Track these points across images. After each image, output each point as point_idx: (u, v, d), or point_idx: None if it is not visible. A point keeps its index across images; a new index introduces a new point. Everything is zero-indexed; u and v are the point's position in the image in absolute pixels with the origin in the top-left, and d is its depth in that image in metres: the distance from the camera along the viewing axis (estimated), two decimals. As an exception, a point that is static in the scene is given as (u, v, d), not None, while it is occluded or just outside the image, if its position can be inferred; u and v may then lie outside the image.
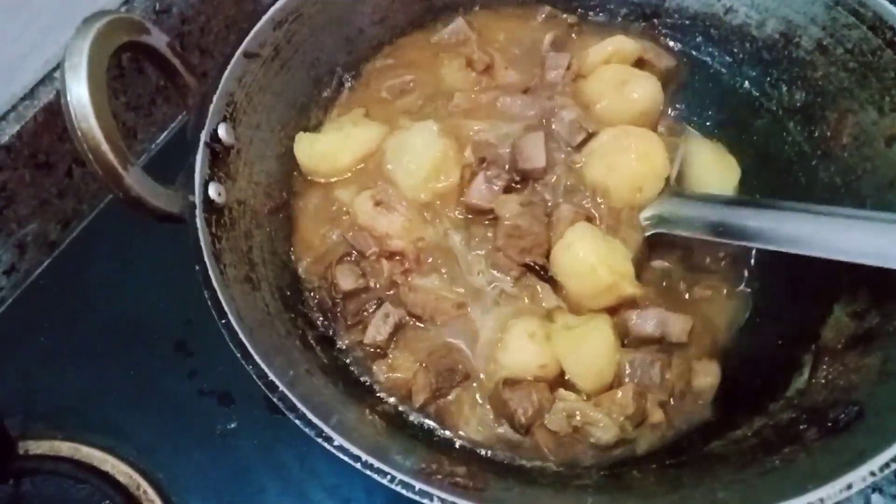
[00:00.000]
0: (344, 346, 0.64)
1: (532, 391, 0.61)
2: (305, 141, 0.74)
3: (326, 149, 0.72)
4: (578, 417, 0.61)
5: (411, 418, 0.61)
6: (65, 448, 0.72)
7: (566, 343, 0.63)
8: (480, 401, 0.62)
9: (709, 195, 0.71)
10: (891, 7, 0.64)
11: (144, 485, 0.70)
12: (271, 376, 0.49)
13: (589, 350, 0.62)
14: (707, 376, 0.64)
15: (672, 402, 0.63)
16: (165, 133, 1.01)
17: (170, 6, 0.94)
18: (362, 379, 0.63)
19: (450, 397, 0.61)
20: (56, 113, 0.83)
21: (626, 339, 0.65)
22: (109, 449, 0.72)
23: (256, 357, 0.49)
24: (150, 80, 0.95)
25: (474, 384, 0.63)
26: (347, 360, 0.64)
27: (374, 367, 0.63)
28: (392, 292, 0.65)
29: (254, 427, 0.73)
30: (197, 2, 0.98)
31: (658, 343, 0.65)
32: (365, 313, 0.64)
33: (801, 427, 0.55)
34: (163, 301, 0.81)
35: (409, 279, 0.65)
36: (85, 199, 0.91)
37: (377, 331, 0.62)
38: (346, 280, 0.63)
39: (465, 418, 0.61)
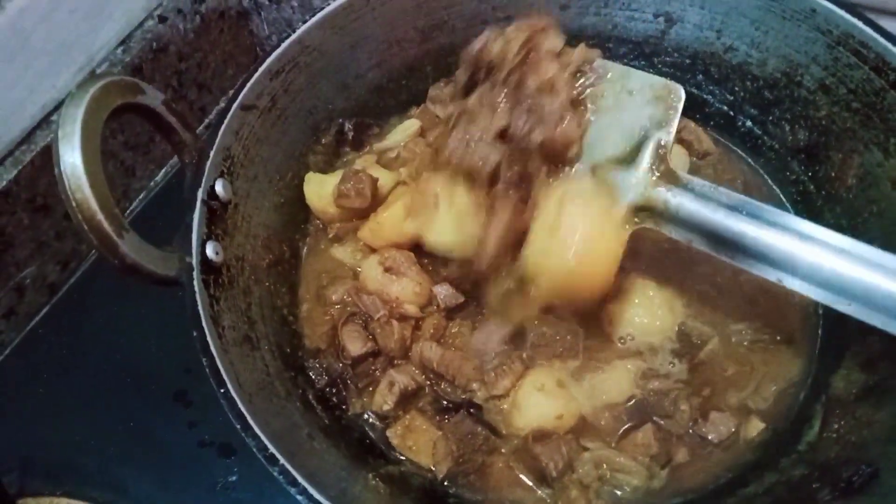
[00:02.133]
0: (354, 413, 0.64)
1: (561, 443, 0.60)
2: (315, 181, 0.74)
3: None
4: (605, 466, 0.60)
5: (418, 482, 0.59)
6: (63, 504, 0.71)
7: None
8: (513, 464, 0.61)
9: (715, 190, 0.58)
10: (893, 48, 0.63)
11: (144, 540, 0.69)
12: (272, 449, 0.48)
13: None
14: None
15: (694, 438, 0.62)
16: (164, 170, 1.01)
17: (167, 45, 0.94)
18: (373, 443, 0.62)
19: (479, 461, 0.60)
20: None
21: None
22: (109, 504, 0.71)
23: (256, 429, 0.49)
24: (147, 119, 0.94)
25: (502, 448, 0.61)
26: (360, 426, 0.63)
27: (389, 433, 0.62)
28: (402, 357, 0.64)
29: (255, 479, 0.72)
30: (193, 39, 0.98)
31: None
32: (376, 373, 0.63)
33: (815, 486, 0.54)
34: (162, 349, 0.80)
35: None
36: (84, 240, 0.90)
37: (383, 399, 0.61)
38: (355, 344, 0.62)
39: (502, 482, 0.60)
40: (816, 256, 0.53)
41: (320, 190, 0.73)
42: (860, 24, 0.64)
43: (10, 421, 0.77)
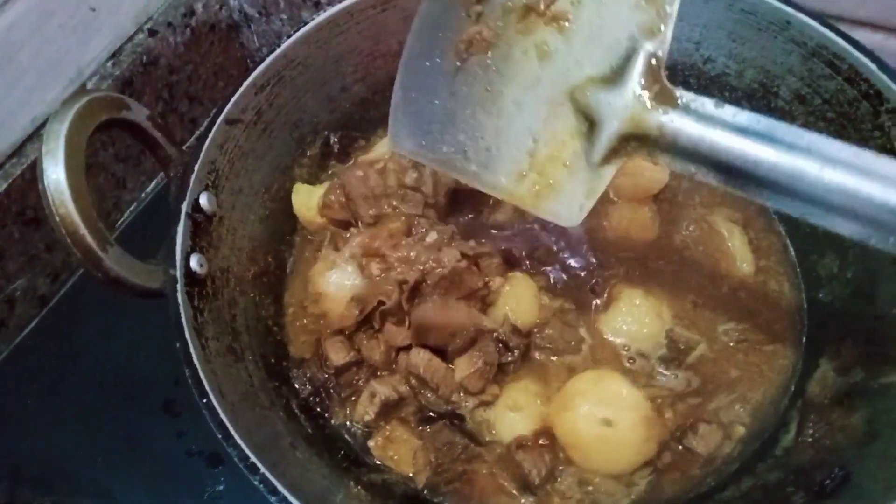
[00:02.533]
0: (337, 423, 0.64)
1: (544, 452, 0.61)
2: (303, 192, 0.75)
3: None
4: (591, 488, 0.61)
5: (401, 490, 0.60)
6: (53, 514, 0.72)
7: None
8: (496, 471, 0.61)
9: (721, 108, 0.48)
10: (865, 60, 0.65)
11: (133, 549, 0.70)
12: (253, 459, 0.49)
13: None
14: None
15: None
16: (154, 182, 1.02)
17: (157, 58, 0.95)
18: (353, 453, 0.63)
19: (459, 470, 0.60)
20: (43, 169, 0.84)
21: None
22: (98, 513, 0.72)
23: (238, 438, 0.49)
24: (137, 132, 0.96)
25: (486, 457, 0.62)
26: (343, 435, 0.64)
27: (370, 444, 0.63)
28: (386, 368, 0.65)
29: (242, 489, 0.72)
30: (184, 51, 0.99)
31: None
32: (359, 383, 0.64)
33: (789, 490, 0.54)
34: (151, 360, 0.81)
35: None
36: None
37: (365, 410, 0.62)
38: (338, 354, 0.63)
39: (487, 490, 0.60)
40: (852, 184, 0.43)
41: (308, 201, 0.74)
42: (833, 35, 0.65)
43: (1, 430, 0.78)
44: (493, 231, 0.72)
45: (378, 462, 0.62)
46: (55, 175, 0.50)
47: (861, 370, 0.59)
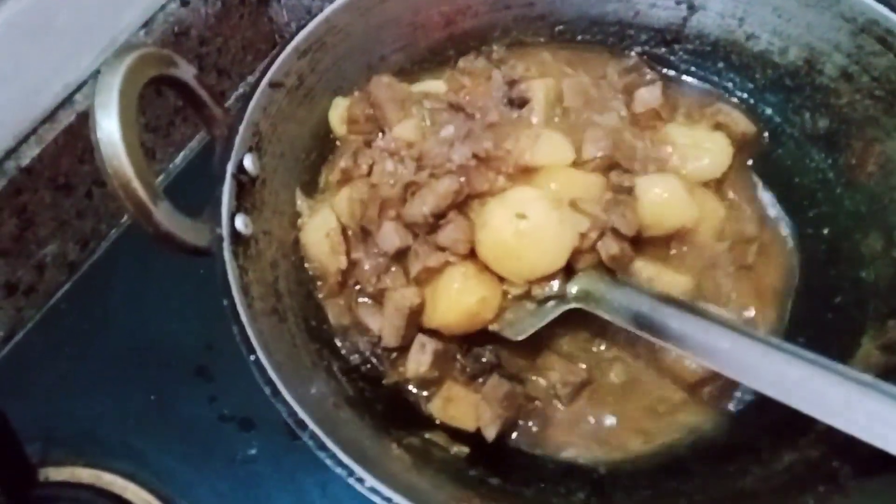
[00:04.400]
0: (391, 384, 0.64)
1: None
2: (341, 106, 0.73)
3: None
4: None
5: (439, 455, 0.60)
6: (85, 475, 0.72)
7: None
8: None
9: (640, 287, 0.65)
10: (918, 35, 0.64)
11: (165, 512, 0.70)
12: (301, 414, 0.49)
13: None
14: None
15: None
16: (184, 153, 1.02)
17: (188, 29, 0.95)
18: (396, 414, 0.63)
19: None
20: (76, 135, 0.83)
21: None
22: (130, 475, 0.72)
23: (286, 395, 0.49)
24: (168, 101, 0.95)
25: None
26: (387, 397, 0.64)
27: (430, 407, 0.63)
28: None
29: (274, 453, 0.73)
30: (214, 24, 0.99)
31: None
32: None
33: (834, 465, 0.54)
34: (183, 324, 0.81)
35: None
36: (104, 219, 0.92)
37: (417, 364, 0.61)
38: (373, 320, 0.63)
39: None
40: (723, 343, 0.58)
41: (345, 114, 0.73)
42: (886, 11, 0.65)
43: (33, 393, 0.78)
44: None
45: (439, 421, 0.62)
46: (109, 127, 0.50)
47: (906, 347, 0.59)
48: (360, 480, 0.46)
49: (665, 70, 0.81)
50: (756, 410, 0.64)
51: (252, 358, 0.51)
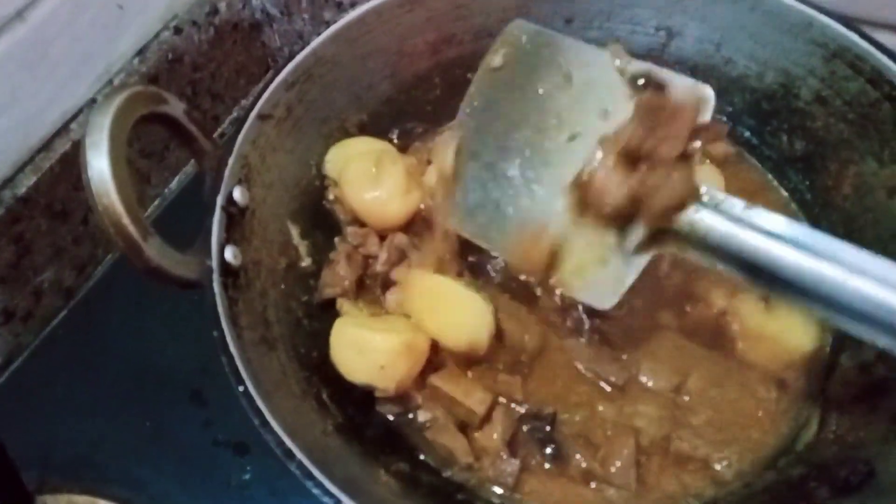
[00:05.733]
0: (384, 411, 0.65)
1: None
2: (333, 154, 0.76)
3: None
4: None
5: (427, 480, 0.61)
6: (82, 501, 0.73)
7: None
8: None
9: (750, 211, 0.51)
10: (888, 61, 0.65)
11: (160, 536, 0.71)
12: (289, 444, 0.50)
13: None
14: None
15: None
16: (178, 177, 1.03)
17: (182, 55, 0.97)
18: (384, 440, 0.64)
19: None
20: (72, 163, 0.85)
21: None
22: (126, 501, 0.73)
23: (275, 425, 0.51)
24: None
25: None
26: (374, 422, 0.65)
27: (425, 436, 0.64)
28: None
29: (268, 478, 0.74)
30: (207, 50, 1.01)
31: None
32: None
33: (812, 485, 0.55)
34: (178, 348, 0.82)
35: None
36: (100, 245, 0.93)
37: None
38: None
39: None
40: (880, 295, 0.45)
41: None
42: (856, 37, 0.67)
43: (29, 419, 0.79)
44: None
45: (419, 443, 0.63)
46: (99, 166, 0.51)
47: (883, 367, 0.60)
48: (347, 509, 0.47)
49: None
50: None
51: (241, 389, 0.52)
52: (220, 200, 0.60)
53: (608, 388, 0.64)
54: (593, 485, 0.60)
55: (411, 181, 0.73)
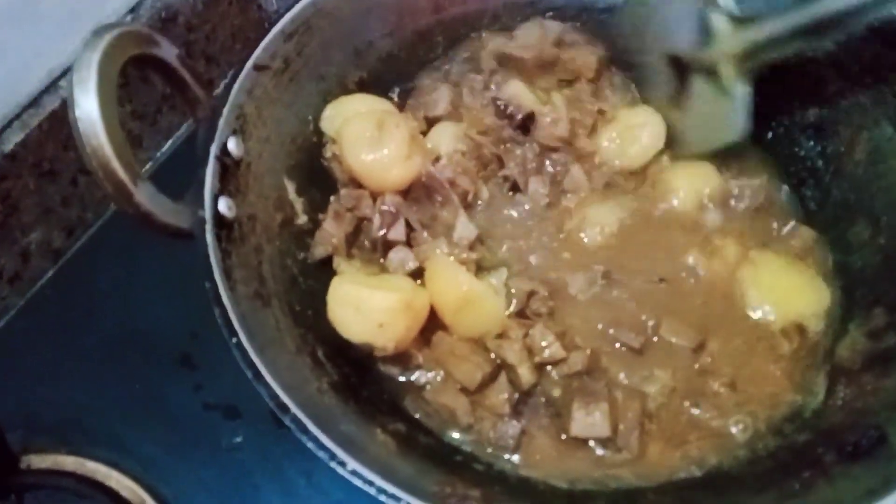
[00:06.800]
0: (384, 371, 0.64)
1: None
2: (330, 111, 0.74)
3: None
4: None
5: (424, 441, 0.60)
6: (68, 462, 0.71)
7: None
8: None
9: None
10: (906, 24, 0.64)
11: (149, 500, 0.69)
12: (283, 397, 0.48)
13: None
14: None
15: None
16: (171, 141, 1.01)
17: (176, 14, 0.94)
18: (382, 400, 0.62)
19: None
20: (61, 121, 0.82)
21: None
22: (113, 463, 0.71)
23: (268, 377, 0.49)
24: (155, 88, 0.94)
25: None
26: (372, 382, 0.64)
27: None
28: None
29: (260, 441, 0.72)
30: (202, 10, 0.98)
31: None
32: None
33: (819, 450, 0.54)
34: (168, 312, 0.80)
35: None
36: (89, 208, 0.91)
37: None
38: None
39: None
40: None
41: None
42: (874, -2, 0.64)
43: (15, 380, 0.77)
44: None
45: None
46: (87, 105, 0.49)
47: (894, 334, 0.59)
48: (342, 464, 0.46)
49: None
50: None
51: (234, 340, 0.50)
52: (214, 149, 0.58)
53: (624, 350, 0.63)
54: (592, 443, 0.59)
55: (414, 145, 0.70)
